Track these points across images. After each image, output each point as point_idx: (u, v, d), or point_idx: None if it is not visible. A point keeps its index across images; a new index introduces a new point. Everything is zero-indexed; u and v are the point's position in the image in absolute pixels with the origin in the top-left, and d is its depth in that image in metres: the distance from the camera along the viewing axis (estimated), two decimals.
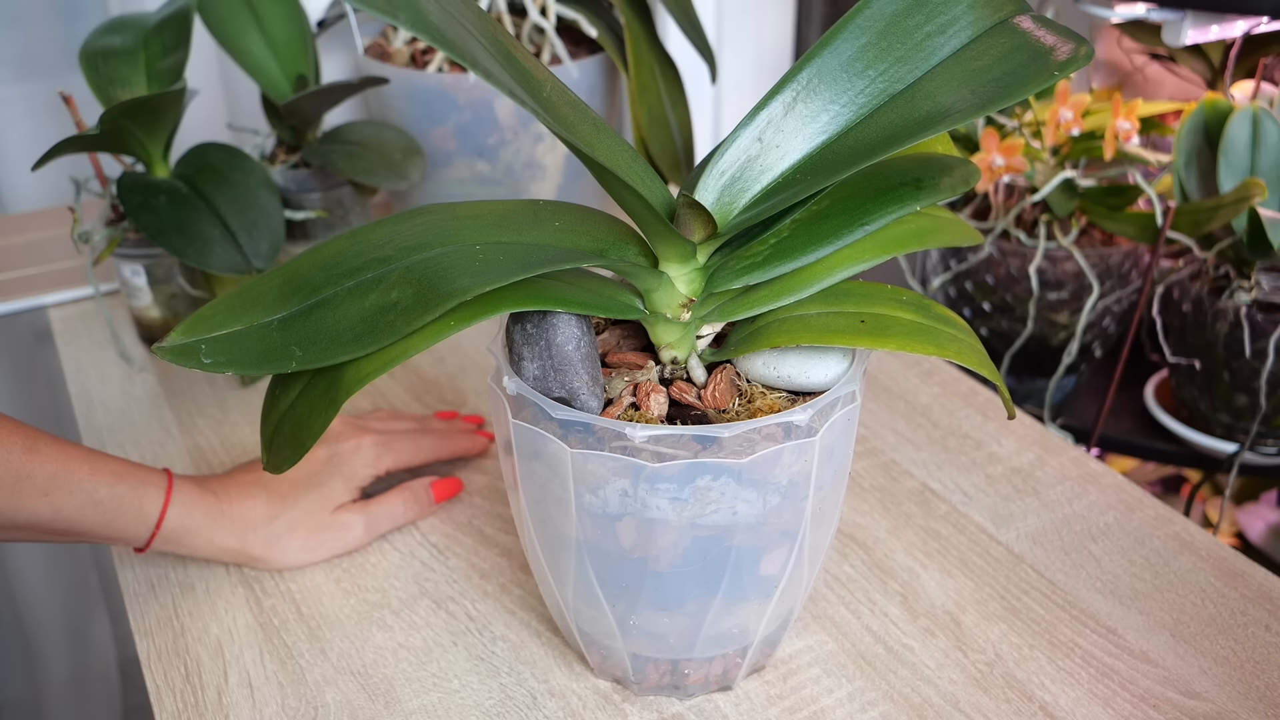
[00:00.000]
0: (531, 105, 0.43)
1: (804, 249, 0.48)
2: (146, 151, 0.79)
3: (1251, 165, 0.92)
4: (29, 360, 1.22)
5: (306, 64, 0.89)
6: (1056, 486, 0.73)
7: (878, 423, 0.79)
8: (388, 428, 0.72)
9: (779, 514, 0.50)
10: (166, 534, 0.62)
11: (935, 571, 0.66)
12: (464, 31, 0.42)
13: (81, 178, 0.85)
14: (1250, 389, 0.93)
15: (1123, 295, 1.01)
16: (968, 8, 0.48)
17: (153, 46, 0.80)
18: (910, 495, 0.72)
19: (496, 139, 0.95)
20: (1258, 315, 0.90)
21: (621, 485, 0.48)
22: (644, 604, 0.52)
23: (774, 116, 0.50)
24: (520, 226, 0.50)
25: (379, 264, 0.47)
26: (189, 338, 0.47)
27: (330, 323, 0.45)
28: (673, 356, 0.52)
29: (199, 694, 0.58)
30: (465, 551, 0.68)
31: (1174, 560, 0.66)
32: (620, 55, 0.96)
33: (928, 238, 0.52)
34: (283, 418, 0.47)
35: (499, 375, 0.51)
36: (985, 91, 0.45)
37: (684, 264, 0.50)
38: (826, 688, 0.58)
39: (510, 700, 0.57)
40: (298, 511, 0.65)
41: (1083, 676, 0.58)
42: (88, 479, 0.59)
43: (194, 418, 0.81)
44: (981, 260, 1.01)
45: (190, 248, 0.75)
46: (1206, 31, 0.97)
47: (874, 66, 0.49)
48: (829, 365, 0.51)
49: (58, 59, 1.16)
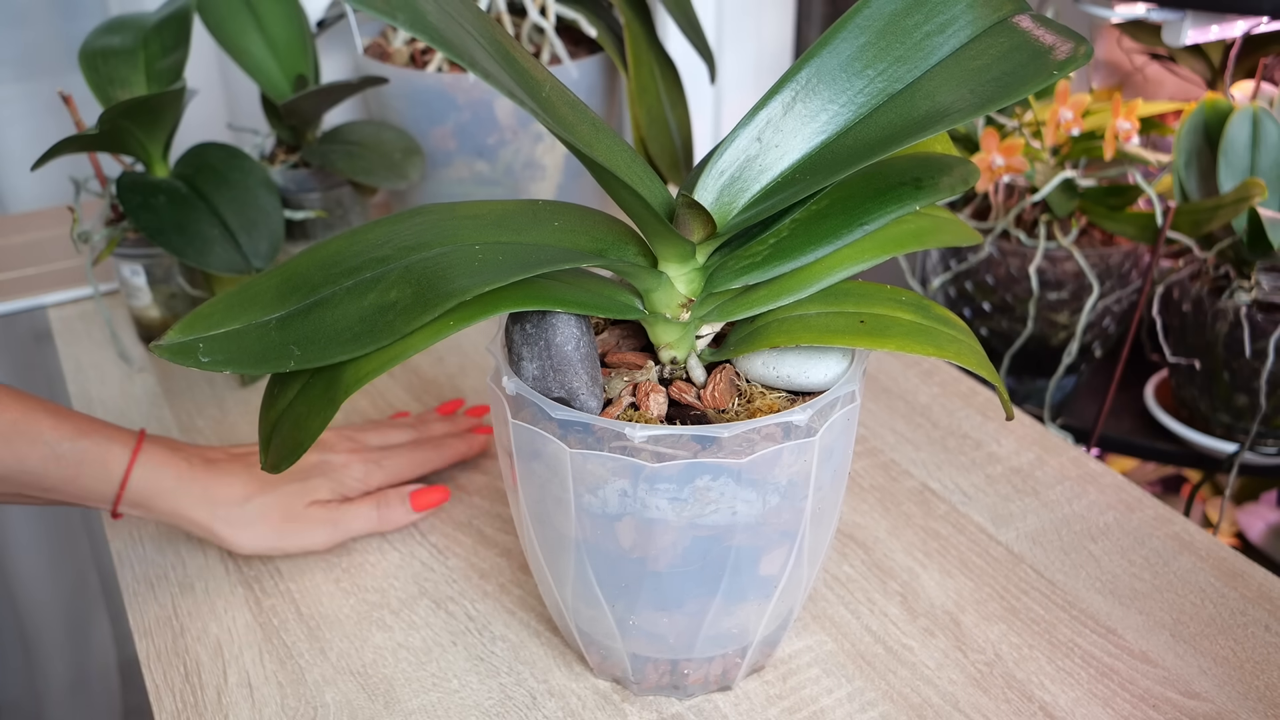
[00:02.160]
0: (530, 105, 0.43)
1: (803, 249, 0.48)
2: (146, 151, 0.79)
3: (1251, 165, 0.92)
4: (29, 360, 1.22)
5: (306, 64, 0.89)
6: (1056, 486, 0.73)
7: (877, 423, 0.79)
8: (384, 441, 0.71)
9: (778, 514, 0.50)
10: (132, 495, 0.61)
11: (935, 571, 0.66)
12: (463, 31, 0.42)
13: (81, 178, 0.85)
14: (1250, 389, 0.93)
15: (1123, 295, 1.01)
16: (967, 7, 0.48)
17: (152, 46, 0.80)
18: (910, 495, 0.72)
19: (496, 139, 0.95)
20: (1258, 315, 0.90)
21: (621, 485, 0.48)
22: (643, 604, 0.52)
23: (773, 116, 0.50)
24: (520, 226, 0.50)
25: (378, 263, 0.47)
26: (187, 336, 0.47)
27: (329, 322, 0.45)
28: (672, 356, 0.52)
29: (199, 694, 0.58)
30: (465, 551, 0.68)
31: (1174, 560, 0.66)
32: (620, 55, 0.96)
33: (927, 238, 0.52)
34: (281, 417, 0.47)
35: (498, 375, 0.51)
36: (984, 91, 0.45)
37: (683, 264, 0.50)
38: (826, 688, 0.58)
39: (510, 700, 0.57)
40: (273, 498, 0.64)
41: (1082, 676, 0.58)
42: (50, 431, 0.59)
43: (193, 418, 0.81)
44: (981, 260, 1.01)
45: (190, 247, 0.75)
46: (1206, 31, 0.97)
47: (873, 66, 0.49)
48: (828, 365, 0.51)
49: (58, 59, 1.16)
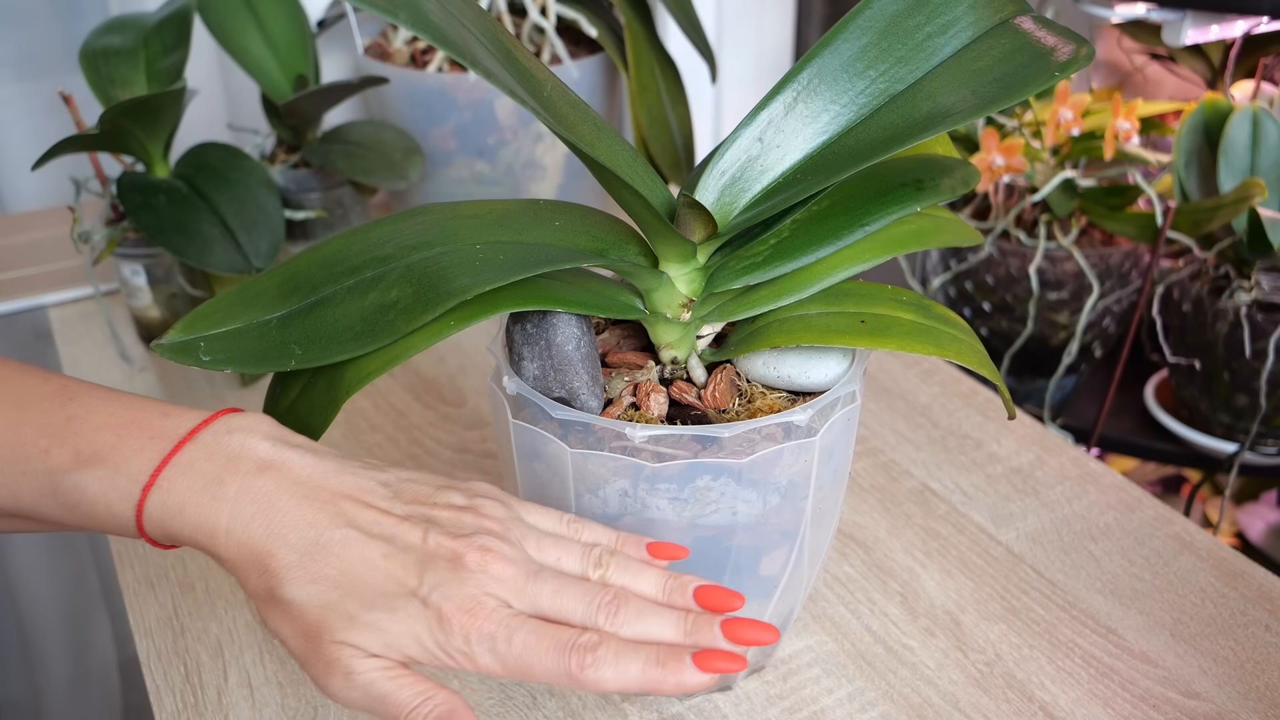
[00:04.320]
0: (532, 105, 0.43)
1: (804, 249, 0.48)
2: (146, 151, 0.79)
3: (1251, 165, 0.92)
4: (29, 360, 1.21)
5: (306, 64, 0.89)
6: (1056, 486, 0.73)
7: (878, 423, 0.79)
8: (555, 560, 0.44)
9: (779, 514, 0.50)
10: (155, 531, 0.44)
11: (935, 571, 0.66)
12: (464, 31, 0.42)
13: (81, 177, 0.85)
14: (1250, 389, 0.93)
15: (1123, 295, 1.01)
16: (969, 8, 0.48)
17: (153, 46, 0.80)
18: (910, 495, 0.72)
19: (496, 139, 0.95)
20: (1258, 315, 0.90)
21: (621, 485, 0.48)
22: None
23: (774, 116, 0.50)
24: (520, 226, 0.50)
25: (379, 263, 0.47)
26: (188, 335, 0.47)
27: (330, 321, 0.45)
28: (673, 356, 0.52)
29: (199, 694, 0.58)
30: None
31: (1174, 560, 0.66)
32: (620, 55, 0.96)
33: (928, 238, 0.52)
34: (283, 417, 0.47)
35: (499, 375, 0.51)
36: (986, 92, 0.45)
37: (684, 264, 0.50)
38: (826, 688, 0.58)
39: (510, 700, 0.57)
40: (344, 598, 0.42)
41: (1083, 676, 0.58)
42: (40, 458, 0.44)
43: None
44: (981, 260, 1.01)
45: (190, 247, 0.75)
46: (1206, 31, 0.97)
47: (875, 67, 0.49)
48: (829, 365, 0.51)
49: (58, 59, 1.16)
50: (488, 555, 0.42)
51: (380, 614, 0.41)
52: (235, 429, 0.44)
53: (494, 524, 0.44)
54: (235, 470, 0.43)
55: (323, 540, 0.42)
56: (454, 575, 0.41)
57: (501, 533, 0.44)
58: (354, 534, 0.42)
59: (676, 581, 0.44)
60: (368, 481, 0.44)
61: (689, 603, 0.44)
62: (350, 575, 0.42)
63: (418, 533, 0.43)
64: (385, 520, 0.43)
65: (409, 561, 0.42)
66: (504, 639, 0.41)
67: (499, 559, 0.42)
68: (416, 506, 0.44)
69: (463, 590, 0.41)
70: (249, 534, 0.42)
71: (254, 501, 0.43)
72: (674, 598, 0.44)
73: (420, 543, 0.42)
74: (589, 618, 0.42)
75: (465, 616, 0.41)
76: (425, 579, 0.41)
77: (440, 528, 0.43)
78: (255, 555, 0.42)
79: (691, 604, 0.44)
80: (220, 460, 0.43)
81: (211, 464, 0.43)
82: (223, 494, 0.43)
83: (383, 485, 0.44)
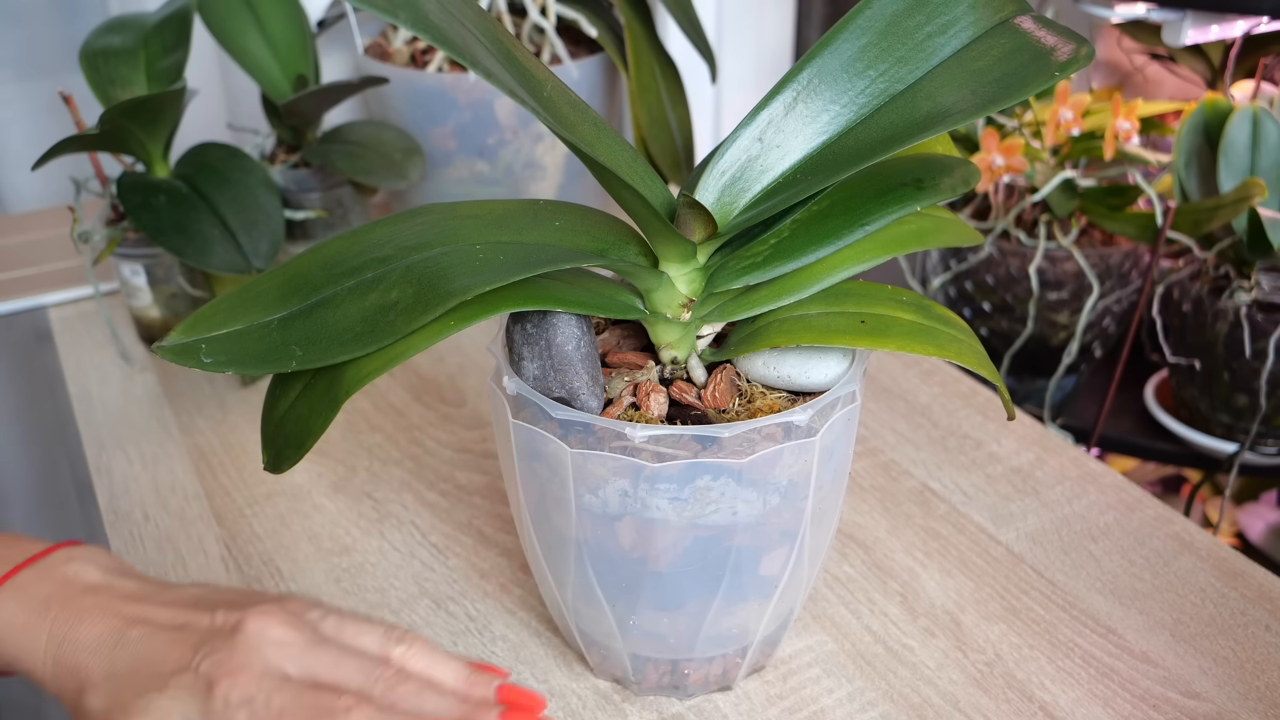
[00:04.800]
0: (532, 105, 0.43)
1: (804, 249, 0.48)
2: (146, 151, 0.79)
3: (1251, 165, 0.92)
4: (29, 360, 1.22)
5: (306, 64, 0.89)
6: (1056, 486, 0.73)
7: (878, 423, 0.79)
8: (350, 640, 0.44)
9: (779, 514, 0.50)
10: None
11: (935, 571, 0.66)
12: (464, 31, 0.42)
13: (81, 177, 0.85)
14: (1250, 389, 0.93)
15: (1123, 295, 1.01)
16: (969, 8, 0.48)
17: (153, 46, 0.80)
18: (910, 495, 0.72)
19: (496, 139, 0.95)
20: (1258, 315, 0.90)
21: (621, 485, 0.48)
22: (644, 604, 0.52)
23: (774, 116, 0.50)
24: (520, 226, 0.50)
25: (379, 263, 0.47)
26: (189, 337, 0.47)
27: (330, 322, 0.45)
28: (673, 356, 0.52)
29: None
30: (465, 551, 0.68)
31: (1174, 560, 0.66)
32: (620, 55, 0.96)
33: (928, 238, 0.52)
34: (283, 417, 0.47)
35: (499, 375, 0.51)
36: (986, 92, 0.45)
37: (684, 264, 0.50)
38: (826, 688, 0.58)
39: None
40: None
41: (1083, 676, 0.58)
42: None
43: (194, 418, 0.81)
44: (981, 260, 1.01)
45: (190, 247, 0.75)
46: (1206, 31, 0.98)
47: (875, 67, 0.49)
48: (829, 365, 0.51)
49: (58, 59, 1.16)
50: (268, 619, 0.42)
51: (152, 695, 0.41)
52: (74, 558, 0.46)
53: (292, 601, 0.44)
54: (63, 593, 0.45)
55: (124, 640, 0.43)
56: (229, 643, 0.42)
57: (293, 605, 0.44)
58: (150, 629, 0.43)
59: (481, 676, 0.43)
60: (187, 593, 0.45)
61: (488, 697, 0.43)
62: (139, 665, 0.42)
63: (208, 616, 0.43)
64: (183, 613, 0.44)
65: (193, 640, 0.43)
66: (262, 701, 0.40)
67: (279, 624, 0.42)
68: (224, 601, 0.44)
69: (234, 657, 0.41)
70: (62, 650, 0.44)
71: (72, 619, 0.44)
72: (474, 690, 0.43)
73: (209, 623, 0.43)
74: (365, 689, 0.41)
75: (229, 679, 0.41)
76: (201, 651, 0.42)
77: (231, 605, 0.44)
78: (69, 669, 0.44)
79: (491, 699, 0.43)
80: (52, 584, 0.45)
81: (43, 587, 0.45)
82: (46, 614, 0.44)
83: (200, 593, 0.45)
